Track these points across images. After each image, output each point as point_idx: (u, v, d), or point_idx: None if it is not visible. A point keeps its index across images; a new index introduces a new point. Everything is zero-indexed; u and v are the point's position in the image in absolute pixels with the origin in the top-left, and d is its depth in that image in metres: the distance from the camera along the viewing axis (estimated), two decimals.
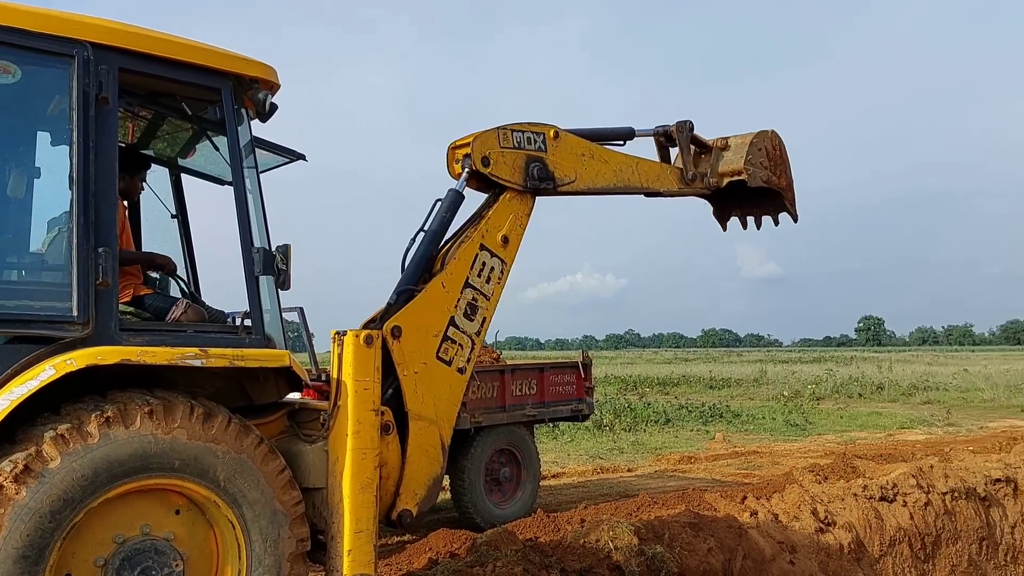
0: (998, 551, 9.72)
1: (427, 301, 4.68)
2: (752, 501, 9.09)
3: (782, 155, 6.59)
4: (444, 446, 4.60)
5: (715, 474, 13.63)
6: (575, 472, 13.91)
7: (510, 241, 5.11)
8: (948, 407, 25.07)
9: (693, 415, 23.01)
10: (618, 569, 6.66)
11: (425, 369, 4.58)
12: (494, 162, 5.06)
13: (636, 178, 5.91)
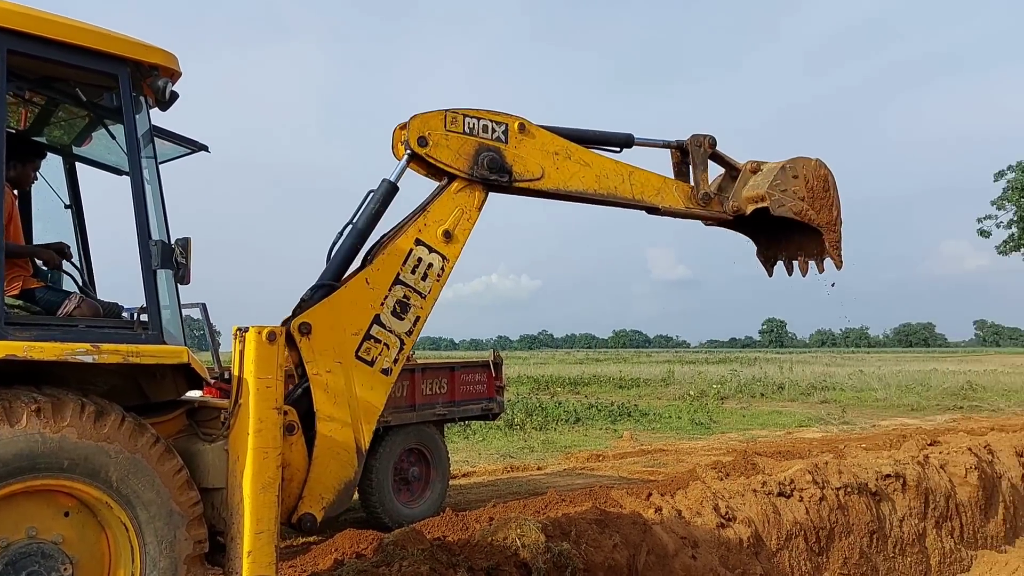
0: (887, 543, 10.17)
1: (346, 298, 4.49)
2: (657, 498, 9.29)
3: (826, 188, 5.90)
4: (360, 450, 4.41)
5: (622, 471, 13.86)
6: (485, 471, 13.94)
7: (454, 237, 4.81)
8: (844, 406, 26.13)
9: (602, 414, 23.34)
10: (525, 567, 6.70)
11: (340, 369, 4.40)
12: (433, 143, 4.77)
13: (627, 188, 5.46)
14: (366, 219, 4.71)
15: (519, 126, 5.06)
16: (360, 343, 4.49)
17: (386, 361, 4.56)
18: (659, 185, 5.60)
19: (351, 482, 4.40)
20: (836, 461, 10.64)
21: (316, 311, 4.41)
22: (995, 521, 11.94)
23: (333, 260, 4.65)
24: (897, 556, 10.21)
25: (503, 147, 4.98)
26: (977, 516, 11.63)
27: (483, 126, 4.96)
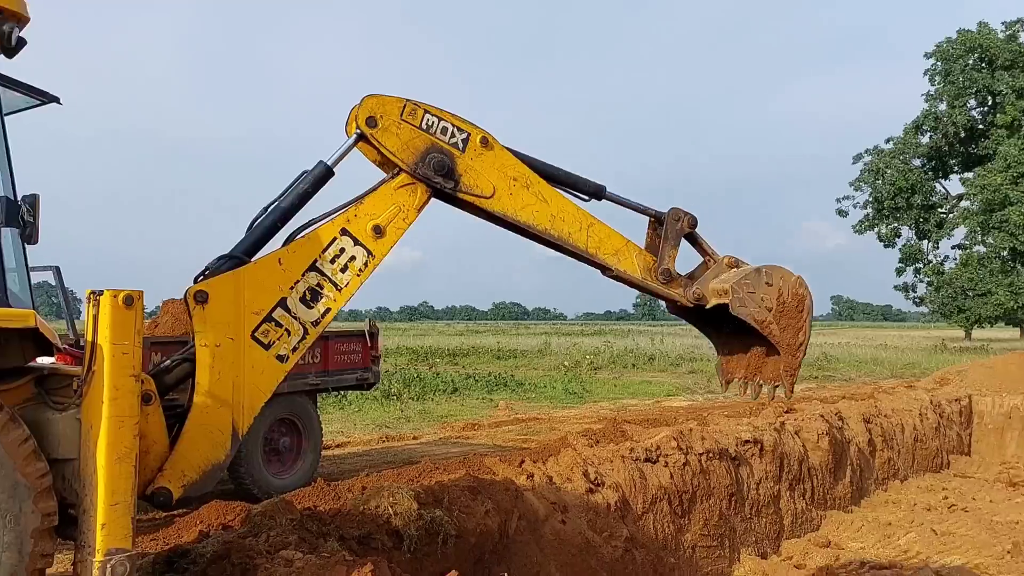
0: (745, 505, 10.75)
1: (254, 274, 4.25)
2: (529, 465, 9.48)
3: (800, 308, 5.35)
4: (236, 434, 4.18)
5: (497, 440, 14.06)
6: (360, 441, 13.86)
7: (385, 234, 4.55)
8: (709, 376, 27.32)
9: (480, 384, 23.57)
10: (397, 534, 6.72)
11: (231, 346, 4.17)
12: (382, 128, 4.52)
13: (582, 239, 5.05)
14: (293, 198, 4.49)
15: (482, 139, 4.80)
16: (259, 324, 4.25)
17: (284, 348, 4.32)
18: (619, 246, 5.16)
19: (219, 465, 4.18)
20: (700, 428, 11.13)
21: (218, 281, 4.18)
22: (843, 483, 12.80)
23: (250, 234, 4.43)
24: (754, 517, 10.80)
25: (457, 155, 4.72)
26: (827, 479, 12.43)
27: (442, 127, 4.71)
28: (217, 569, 5.19)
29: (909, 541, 11.04)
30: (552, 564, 8.24)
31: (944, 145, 40.17)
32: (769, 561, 10.39)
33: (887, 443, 14.24)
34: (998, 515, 12.12)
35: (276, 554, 5.27)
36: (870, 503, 13.04)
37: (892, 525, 11.62)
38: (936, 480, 14.60)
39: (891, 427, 14.57)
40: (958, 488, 13.96)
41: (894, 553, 10.64)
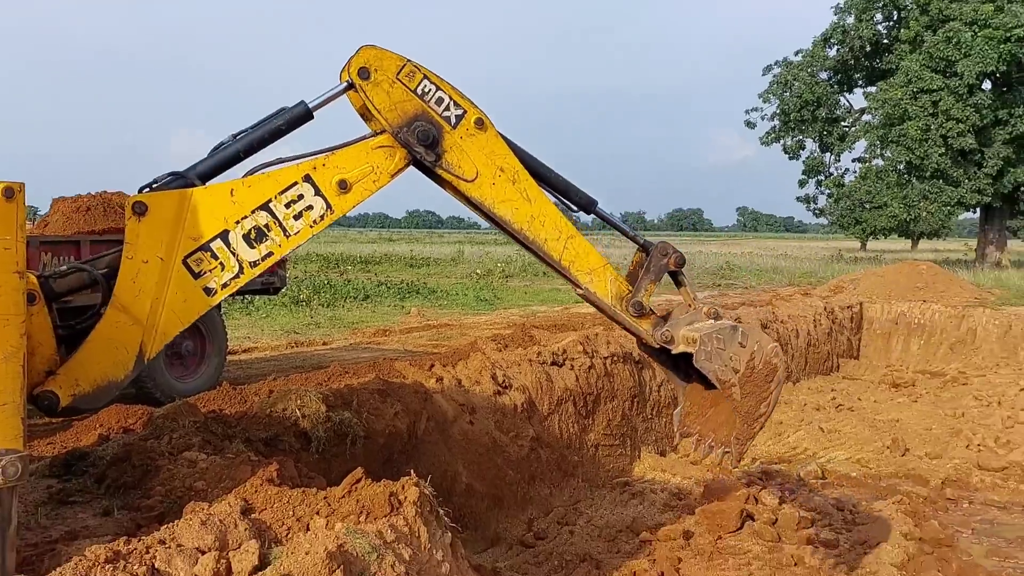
0: (647, 406, 11.17)
1: (201, 199, 4.01)
2: (439, 368, 9.59)
3: (769, 379, 4.98)
4: (141, 357, 4.00)
5: (408, 345, 14.12)
6: (268, 347, 13.72)
7: (350, 191, 4.29)
8: None
9: (391, 292, 23.49)
10: (305, 436, 6.74)
11: (159, 265, 3.96)
12: (374, 82, 4.26)
13: (556, 248, 4.75)
14: (264, 132, 4.24)
15: (477, 120, 4.50)
16: (195, 250, 4.02)
17: (214, 281, 4.09)
18: (595, 266, 4.85)
19: (116, 384, 4.02)
20: (605, 333, 11.41)
21: (161, 196, 3.95)
22: None
23: (209, 158, 4.20)
24: (654, 417, 11.25)
25: (447, 129, 4.45)
26: None
27: (438, 97, 4.41)
28: (117, 471, 5.12)
29: (798, 438, 11.73)
30: (460, 463, 8.45)
31: (850, 59, 40.95)
32: (667, 458, 10.88)
33: (782, 347, 14.91)
34: (880, 414, 12.95)
35: (179, 455, 5.23)
36: None
37: (783, 424, 12.30)
38: (826, 382, 15.45)
39: (787, 332, 15.25)
40: (846, 389, 14.81)
41: (784, 450, 11.30)
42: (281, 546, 3.82)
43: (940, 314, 17.53)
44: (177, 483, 4.82)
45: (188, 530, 3.70)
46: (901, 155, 35.45)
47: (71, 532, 4.28)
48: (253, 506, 4.20)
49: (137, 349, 4.00)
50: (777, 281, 30.18)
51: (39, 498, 4.91)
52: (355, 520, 4.04)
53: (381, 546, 3.79)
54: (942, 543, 7.55)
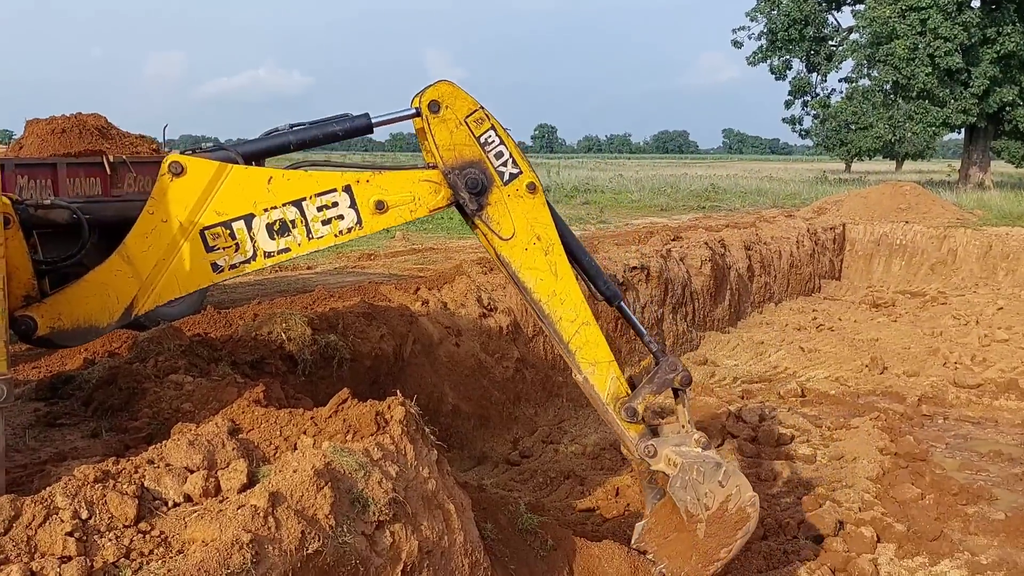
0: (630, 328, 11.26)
1: (238, 177, 3.98)
2: (424, 292, 9.60)
3: (738, 526, 4.81)
4: (130, 309, 4.01)
5: (393, 269, 14.10)
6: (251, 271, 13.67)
7: (385, 213, 4.25)
8: (602, 207, 27.85)
9: None
10: (291, 359, 6.77)
11: (176, 228, 3.95)
12: (442, 118, 4.25)
13: (568, 331, 4.65)
14: (318, 132, 4.23)
15: (529, 184, 4.46)
16: (215, 224, 3.99)
17: (223, 259, 4.06)
18: (600, 359, 4.74)
19: (97, 329, 4.04)
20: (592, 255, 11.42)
21: (200, 163, 3.93)
22: (722, 307, 13.52)
23: (258, 141, 4.18)
24: (637, 339, 11.35)
25: (497, 183, 4.41)
26: (708, 302, 13.09)
27: (498, 151, 4.38)
28: (103, 394, 5.15)
29: (779, 358, 11.91)
30: (446, 384, 8.54)
31: None
32: None
33: (765, 269, 15.03)
34: (860, 333, 13.15)
35: (165, 378, 5.26)
36: (746, 324, 13.89)
37: (764, 344, 12.47)
38: (807, 303, 15.62)
39: (770, 254, 15.34)
40: (827, 310, 14.99)
41: (765, 369, 11.47)
42: (269, 465, 3.87)
43: (922, 235, 17.65)
44: (164, 405, 4.86)
45: (176, 450, 3.73)
46: (888, 75, 35.11)
47: (60, 453, 4.32)
48: (240, 427, 4.24)
49: (128, 302, 4.03)
50: (761, 203, 30.19)
51: (26, 421, 4.94)
52: (342, 439, 4.09)
53: (368, 463, 3.85)
54: (916, 457, 7.75)
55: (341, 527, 3.53)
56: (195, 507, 3.51)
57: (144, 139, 9.35)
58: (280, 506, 3.40)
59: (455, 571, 4.11)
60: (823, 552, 6.08)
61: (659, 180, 41.51)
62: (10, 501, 3.23)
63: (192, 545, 3.23)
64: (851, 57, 38.74)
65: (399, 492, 3.87)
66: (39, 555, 3.10)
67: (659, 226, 19.46)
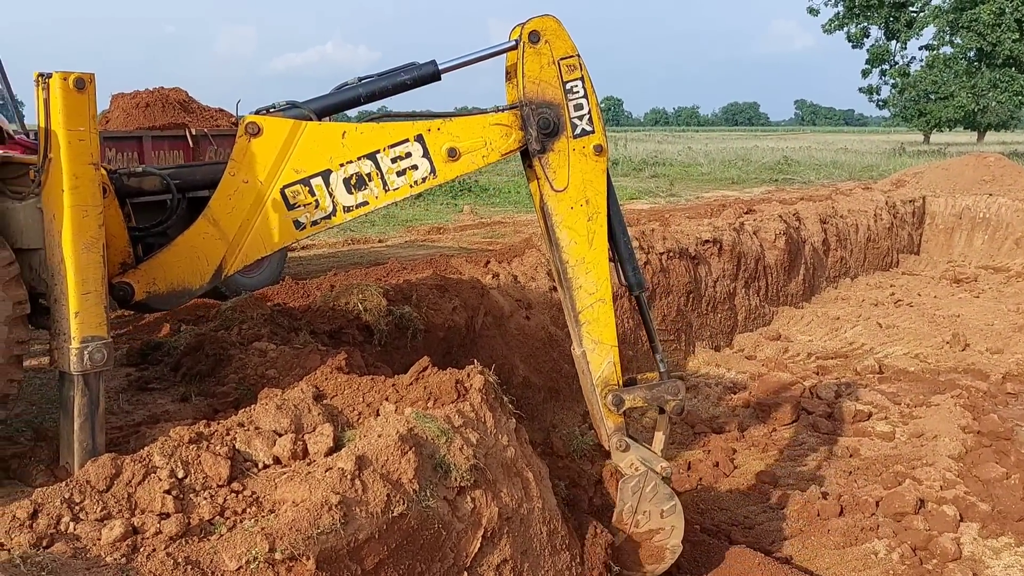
0: (702, 302, 11.14)
1: (312, 134, 4.04)
2: (495, 265, 9.64)
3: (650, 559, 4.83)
4: (220, 270, 4.10)
5: (462, 243, 14.18)
6: (325, 244, 13.91)
7: (458, 160, 4.27)
8: (672, 180, 27.47)
9: (443, 190, 23.42)
10: (367, 329, 6.88)
11: (257, 188, 4.02)
12: (537, 50, 4.24)
13: (585, 301, 4.62)
14: (388, 83, 4.25)
15: (597, 146, 4.45)
16: (294, 182, 4.07)
17: (305, 216, 4.13)
18: (605, 341, 4.72)
19: (190, 291, 4.14)
20: (661, 229, 11.31)
21: (275, 122, 4.01)
22: (796, 281, 13.26)
23: (329, 96, 4.22)
24: (709, 313, 11.23)
25: (567, 133, 4.39)
26: (781, 277, 12.86)
27: (579, 103, 4.37)
28: (192, 360, 5.32)
29: (855, 334, 11.64)
30: (517, 356, 8.58)
31: None
32: (722, 353, 10.92)
33: (841, 243, 14.66)
34: (940, 309, 12.75)
35: (249, 345, 5.40)
36: (820, 299, 13.60)
37: (840, 319, 12.20)
38: (885, 278, 15.19)
39: (846, 227, 14.95)
40: (905, 285, 14.57)
41: (840, 345, 11.23)
42: (353, 429, 3.96)
43: (1007, 208, 16.96)
44: (249, 371, 5.00)
45: (265, 414, 3.85)
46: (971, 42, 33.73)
47: (153, 416, 4.49)
48: (324, 392, 4.34)
49: (218, 263, 4.12)
50: (837, 176, 29.41)
51: (120, 385, 5.15)
52: (423, 406, 4.16)
53: (449, 430, 3.91)
54: (1001, 436, 7.52)
55: (424, 492, 3.60)
56: (284, 469, 3.62)
57: (223, 112, 9.56)
58: (366, 470, 3.48)
59: (533, 538, 4.16)
60: (903, 530, 5.97)
61: (729, 152, 40.71)
62: (111, 459, 3.38)
63: (283, 505, 3.33)
64: (933, 23, 37.29)
65: (479, 459, 3.93)
66: (139, 511, 3.25)
67: (731, 199, 19.13)
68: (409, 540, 3.52)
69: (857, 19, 41.51)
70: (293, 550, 3.06)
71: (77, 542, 3.02)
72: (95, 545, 3.01)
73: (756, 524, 6.26)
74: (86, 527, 3.08)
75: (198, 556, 3.02)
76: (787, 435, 7.99)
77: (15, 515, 3.03)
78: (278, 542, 3.07)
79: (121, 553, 2.99)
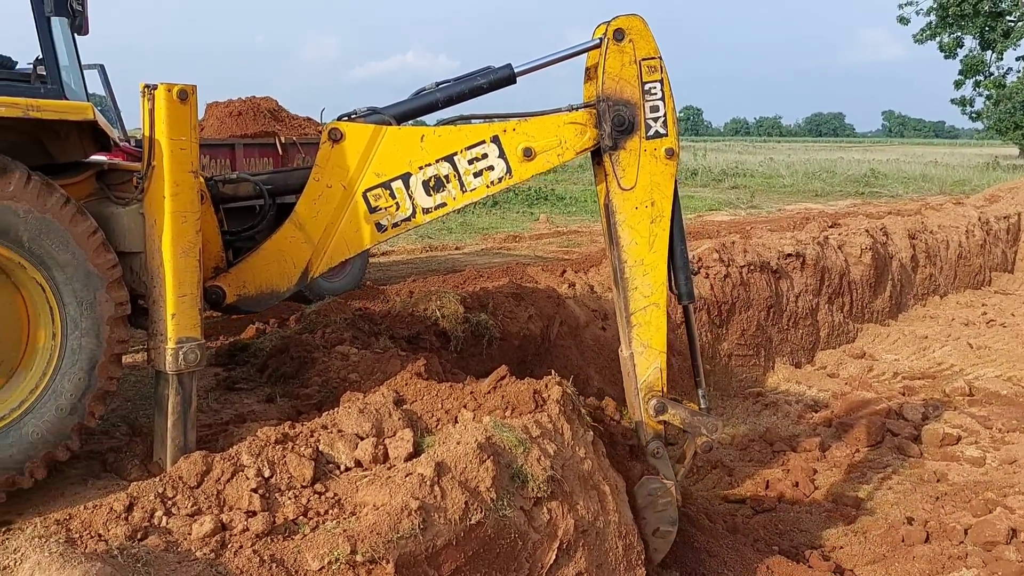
0: (783, 317, 10.91)
1: (392, 138, 4.18)
2: (571, 274, 9.64)
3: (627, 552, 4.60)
4: (306, 273, 4.24)
5: (538, 252, 14.21)
6: (404, 251, 14.11)
7: (533, 160, 4.35)
8: (753, 192, 27.00)
9: (519, 198, 23.54)
10: (444, 335, 6.95)
11: (341, 193, 4.16)
12: (620, 48, 4.32)
13: (638, 304, 4.65)
14: (465, 88, 4.36)
15: (669, 149, 4.49)
16: (375, 186, 4.20)
17: (386, 218, 4.25)
18: (654, 345, 4.71)
19: (278, 294, 4.27)
20: (742, 241, 11.13)
21: (357, 128, 4.16)
22: (882, 297, 12.87)
23: (408, 101, 4.36)
24: (790, 328, 10.99)
25: (640, 134, 4.44)
26: (867, 293, 12.50)
27: (655, 104, 4.43)
28: (277, 361, 5.47)
29: (944, 354, 11.22)
30: (592, 367, 8.56)
31: None
32: (803, 370, 10.67)
33: (930, 259, 14.18)
34: None
35: (332, 349, 5.52)
36: (907, 317, 13.16)
37: (928, 339, 11.78)
38: (976, 296, 14.61)
39: (936, 243, 14.45)
40: (998, 304, 13.99)
41: (928, 365, 10.85)
42: (432, 435, 4.01)
43: None
44: (332, 374, 5.11)
45: (348, 417, 3.93)
46: None
47: (240, 415, 4.63)
48: (404, 397, 4.41)
49: (304, 266, 4.25)
50: (926, 190, 28.48)
51: (209, 384, 5.32)
52: (500, 415, 4.18)
53: (527, 440, 3.92)
54: None
55: (501, 500, 3.62)
56: (365, 472, 3.69)
57: (311, 121, 9.81)
58: (445, 476, 3.52)
59: (609, 552, 4.14)
60: (994, 560, 5.72)
61: (813, 164, 39.78)
62: (202, 457, 3.50)
63: (364, 508, 3.40)
64: None
65: (556, 470, 3.93)
66: (227, 508, 3.35)
67: (815, 212, 18.71)
68: (486, 548, 3.54)
69: (950, 29, 40.18)
70: (374, 553, 3.12)
71: (169, 536, 3.13)
72: (186, 540, 3.13)
73: (837, 548, 6.09)
74: (178, 522, 3.20)
75: (282, 555, 3.10)
76: (870, 456, 7.75)
77: (112, 507, 3.17)
78: (359, 544, 3.13)
79: (210, 548, 3.09)
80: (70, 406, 3.43)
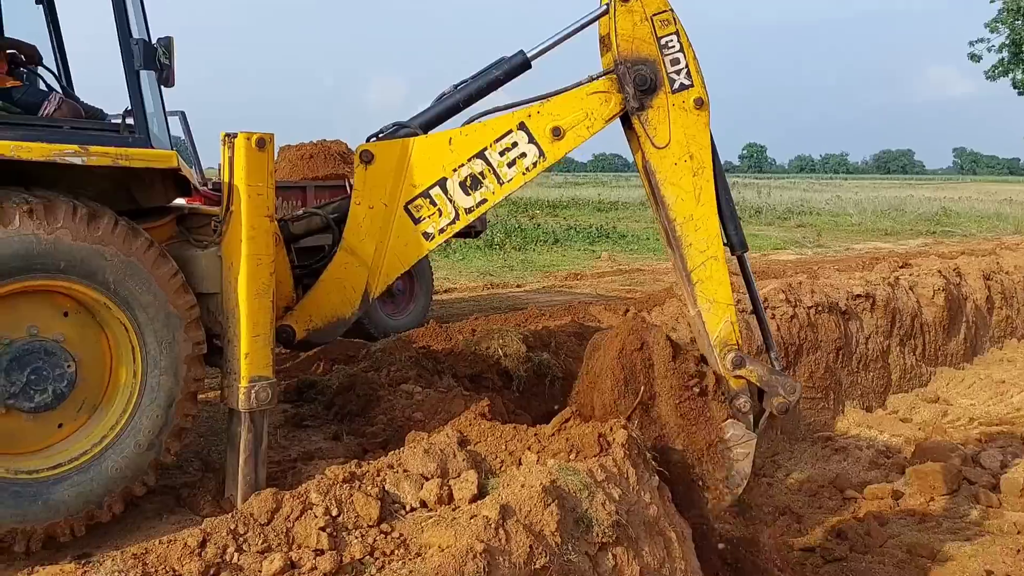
0: (852, 359, 10.67)
1: (422, 147, 4.24)
2: (634, 313, 9.58)
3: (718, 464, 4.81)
4: (367, 295, 4.29)
5: (600, 290, 14.18)
6: (466, 288, 14.23)
7: (564, 138, 4.36)
8: (819, 230, 26.57)
9: (581, 236, 23.58)
10: (507, 375, 6.97)
11: (383, 211, 4.22)
12: (629, 8, 4.31)
13: (695, 260, 4.59)
14: (482, 83, 4.42)
15: (698, 99, 4.45)
16: (415, 197, 4.24)
17: (432, 226, 4.29)
18: (720, 299, 4.66)
19: (344, 321, 4.32)
20: (809, 281, 10.95)
21: (385, 146, 4.23)
22: (956, 340, 12.49)
23: (431, 109, 4.43)
24: (860, 371, 10.73)
25: (665, 88, 4.40)
26: (940, 335, 12.14)
27: (675, 57, 4.40)
28: (343, 399, 5.55)
29: (1023, 399, 10.81)
30: None
31: None
32: (874, 415, 10.38)
33: (1007, 301, 13.73)
34: None
35: (397, 387, 5.59)
36: (983, 361, 12.74)
37: (1006, 383, 11.37)
38: None
39: (1012, 284, 14.00)
40: None
41: (1006, 410, 10.45)
42: (496, 477, 4.02)
43: None
44: (397, 413, 5.17)
45: (413, 457, 3.96)
46: None
47: (307, 453, 4.70)
48: (468, 438, 4.42)
49: (363, 289, 4.31)
50: (1001, 229, 27.67)
51: (277, 421, 5.42)
52: (565, 458, 4.17)
53: (592, 484, 3.90)
54: None
55: (566, 545, 3.60)
56: (430, 513, 3.71)
57: None
58: (510, 519, 3.52)
59: None
60: None
61: (882, 202, 39.02)
62: (272, 495, 3.56)
63: (429, 549, 3.41)
64: None
65: (621, 515, 3.90)
66: (296, 546, 3.40)
67: (884, 251, 18.32)
68: None
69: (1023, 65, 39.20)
70: None
71: (240, 572, 3.19)
72: None
73: None
74: (248, 558, 3.26)
75: None
76: (946, 506, 7.48)
77: (187, 543, 3.24)
78: None
79: None
80: (148, 442, 3.54)
